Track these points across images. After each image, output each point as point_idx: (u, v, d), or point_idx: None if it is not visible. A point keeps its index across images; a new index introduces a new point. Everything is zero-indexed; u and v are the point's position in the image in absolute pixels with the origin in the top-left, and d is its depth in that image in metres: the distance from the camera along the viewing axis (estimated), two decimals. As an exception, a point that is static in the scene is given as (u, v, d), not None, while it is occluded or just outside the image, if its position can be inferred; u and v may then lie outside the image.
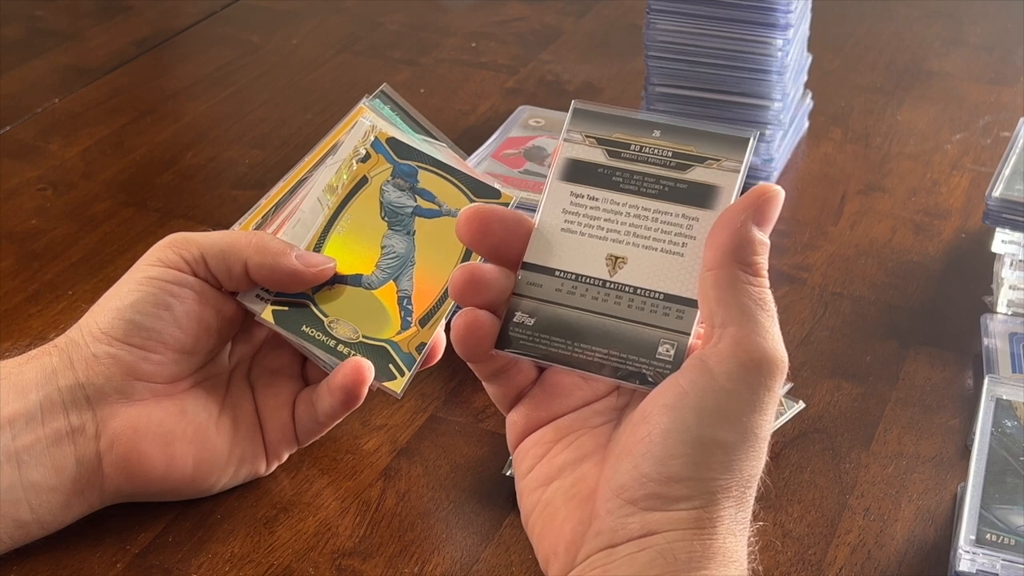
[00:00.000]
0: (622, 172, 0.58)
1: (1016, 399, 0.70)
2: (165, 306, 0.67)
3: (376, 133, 0.73)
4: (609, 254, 0.58)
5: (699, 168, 0.58)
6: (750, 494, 0.54)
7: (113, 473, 0.67)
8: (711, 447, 0.52)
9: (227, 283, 0.69)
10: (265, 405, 0.71)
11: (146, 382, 0.67)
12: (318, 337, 0.70)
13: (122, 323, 0.67)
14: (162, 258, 0.68)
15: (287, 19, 1.32)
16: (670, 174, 0.58)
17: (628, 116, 0.60)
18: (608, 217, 0.58)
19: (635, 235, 0.57)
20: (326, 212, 0.72)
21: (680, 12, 0.98)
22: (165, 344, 0.67)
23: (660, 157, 0.58)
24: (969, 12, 1.31)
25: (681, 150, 0.58)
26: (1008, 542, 0.63)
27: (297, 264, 0.69)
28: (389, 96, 0.75)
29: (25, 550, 0.67)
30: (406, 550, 0.69)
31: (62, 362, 0.67)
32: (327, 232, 0.72)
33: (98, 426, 0.66)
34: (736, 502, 0.54)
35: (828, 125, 1.11)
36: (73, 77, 1.20)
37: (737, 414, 0.53)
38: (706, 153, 0.58)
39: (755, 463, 0.54)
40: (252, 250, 0.68)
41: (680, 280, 0.56)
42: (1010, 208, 0.83)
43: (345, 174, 0.72)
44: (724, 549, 0.53)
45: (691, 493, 0.53)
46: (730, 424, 0.53)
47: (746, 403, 0.53)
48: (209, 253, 0.68)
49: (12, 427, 0.65)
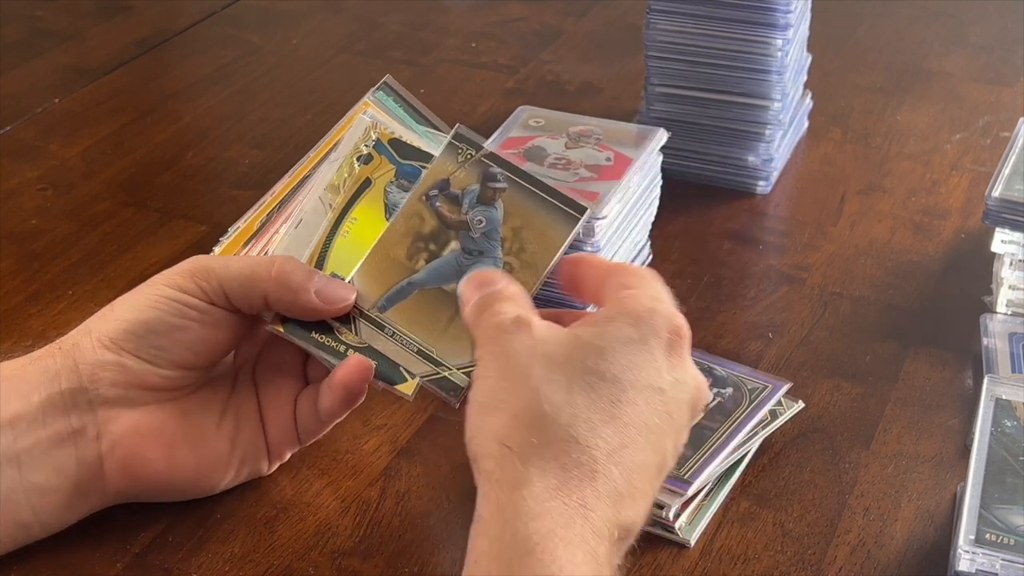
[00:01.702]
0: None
1: (1016, 399, 0.70)
2: (180, 328, 0.67)
3: (378, 133, 0.73)
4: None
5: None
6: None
7: (114, 475, 0.67)
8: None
9: (246, 311, 0.69)
10: (268, 403, 0.71)
11: (150, 391, 0.67)
12: (328, 343, 0.69)
13: (134, 337, 0.66)
14: (182, 286, 0.67)
15: (287, 19, 1.32)
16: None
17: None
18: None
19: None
20: (330, 215, 0.71)
21: (680, 12, 0.98)
22: (174, 362, 0.67)
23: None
24: (969, 12, 1.31)
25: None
26: (1008, 542, 0.63)
27: (317, 302, 0.68)
28: (393, 88, 0.75)
29: (26, 550, 0.67)
30: (406, 550, 0.69)
31: (65, 365, 0.66)
32: (332, 236, 0.71)
33: (99, 428, 0.66)
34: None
35: (828, 125, 1.11)
36: (73, 77, 1.20)
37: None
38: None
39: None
40: (272, 284, 0.67)
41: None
42: (1010, 208, 0.83)
43: (346, 171, 0.72)
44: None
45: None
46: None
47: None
48: (228, 285, 0.67)
49: (13, 429, 0.65)
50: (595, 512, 0.54)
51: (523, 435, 0.56)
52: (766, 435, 0.75)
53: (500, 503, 0.54)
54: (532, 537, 0.53)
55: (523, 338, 0.59)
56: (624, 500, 0.56)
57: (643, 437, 0.57)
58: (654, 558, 0.68)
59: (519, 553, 0.53)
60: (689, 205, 0.99)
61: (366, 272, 0.69)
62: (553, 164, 0.87)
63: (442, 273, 0.69)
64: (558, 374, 0.57)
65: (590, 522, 0.54)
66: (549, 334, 0.59)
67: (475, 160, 0.70)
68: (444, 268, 0.69)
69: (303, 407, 0.71)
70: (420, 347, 0.68)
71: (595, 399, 0.56)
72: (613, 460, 0.56)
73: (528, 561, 0.52)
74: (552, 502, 0.54)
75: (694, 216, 0.98)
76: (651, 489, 0.58)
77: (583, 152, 0.88)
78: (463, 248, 0.69)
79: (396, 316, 0.69)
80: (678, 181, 0.98)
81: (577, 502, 0.54)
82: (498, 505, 0.54)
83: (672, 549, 0.69)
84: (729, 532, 0.70)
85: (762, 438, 0.75)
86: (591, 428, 0.56)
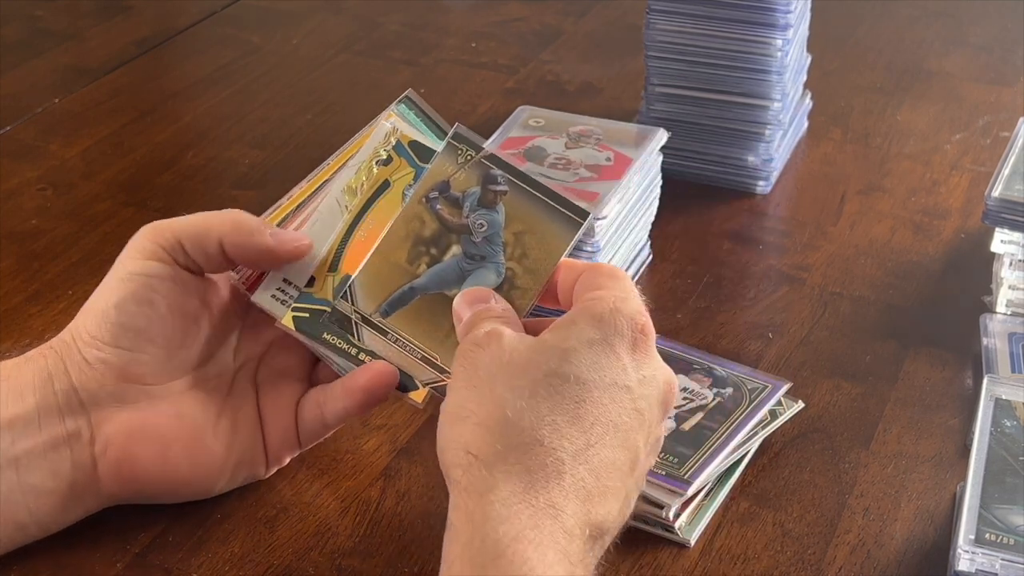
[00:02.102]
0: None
1: (1015, 399, 0.70)
2: (148, 302, 0.66)
3: (398, 136, 0.72)
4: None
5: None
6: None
7: (108, 477, 0.67)
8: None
9: (206, 266, 0.68)
10: (268, 407, 0.71)
11: (139, 384, 0.67)
12: (339, 344, 0.69)
13: (108, 326, 0.66)
14: (140, 248, 0.67)
15: (287, 19, 1.32)
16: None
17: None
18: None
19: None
20: (346, 216, 0.70)
21: (680, 12, 0.98)
22: (153, 342, 0.67)
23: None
24: (969, 12, 1.31)
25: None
26: (1007, 542, 0.63)
27: (271, 241, 0.68)
28: (414, 102, 0.74)
29: (25, 550, 0.67)
30: (406, 550, 0.69)
31: (57, 366, 0.66)
32: (349, 235, 0.70)
33: (92, 431, 0.66)
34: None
35: (828, 125, 1.11)
36: (73, 77, 1.20)
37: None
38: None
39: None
40: (227, 228, 0.67)
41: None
42: (1009, 208, 0.83)
43: (364, 175, 0.71)
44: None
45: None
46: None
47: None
48: (184, 236, 0.67)
49: (11, 431, 0.65)
50: (564, 512, 0.55)
51: (487, 441, 0.56)
52: (766, 435, 0.75)
53: (469, 510, 0.55)
54: (502, 540, 0.53)
55: (492, 349, 0.60)
56: (594, 498, 0.56)
57: (611, 435, 0.57)
58: (654, 558, 0.68)
59: (490, 557, 0.53)
60: (689, 205, 0.99)
61: (366, 276, 0.69)
62: (553, 164, 0.87)
63: (444, 278, 0.68)
64: (521, 379, 0.58)
65: (560, 522, 0.55)
66: (516, 343, 0.60)
67: (475, 161, 0.70)
68: (446, 273, 0.68)
69: (307, 410, 0.70)
70: (424, 354, 0.68)
71: (559, 401, 0.57)
72: (580, 460, 0.56)
73: (499, 563, 0.53)
74: (519, 505, 0.54)
75: (694, 216, 0.98)
76: (623, 486, 0.58)
77: (583, 152, 0.88)
78: (465, 253, 0.68)
79: (399, 322, 0.68)
80: (678, 181, 0.98)
81: (545, 503, 0.55)
82: (467, 512, 0.55)
83: (672, 549, 0.69)
84: (729, 532, 0.70)
85: (762, 438, 0.75)
86: (555, 430, 0.56)
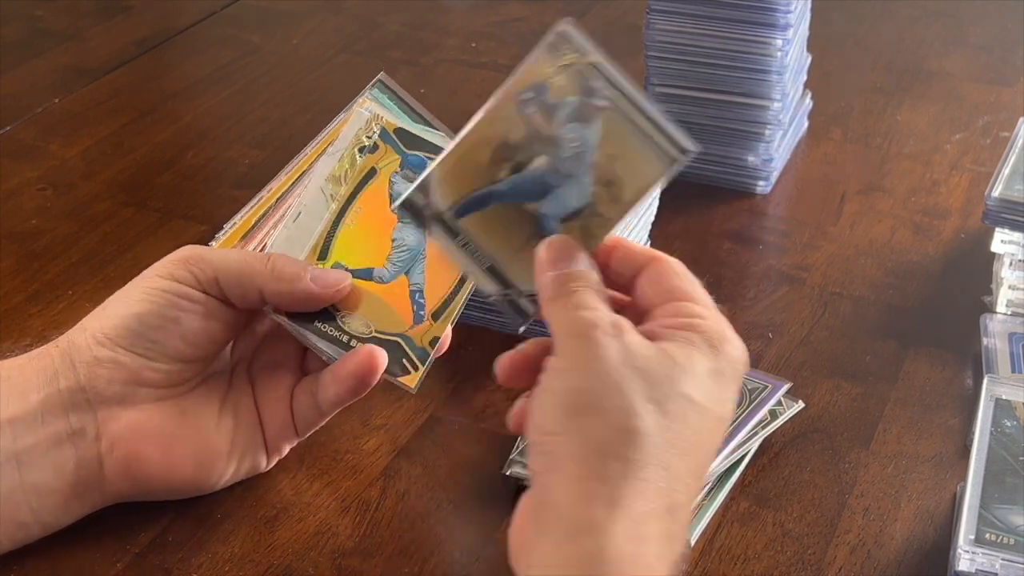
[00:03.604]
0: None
1: (1015, 399, 0.70)
2: (173, 320, 0.67)
3: (383, 123, 0.72)
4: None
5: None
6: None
7: (114, 475, 0.67)
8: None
9: (240, 304, 0.69)
10: (265, 398, 0.71)
11: (148, 387, 0.67)
12: (331, 332, 0.69)
13: (128, 331, 0.66)
14: (175, 274, 0.67)
15: (287, 19, 1.32)
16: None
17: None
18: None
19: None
20: (333, 206, 0.70)
21: (680, 12, 0.98)
22: (169, 355, 0.67)
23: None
24: (969, 12, 1.31)
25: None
26: (1007, 542, 0.63)
27: (313, 287, 0.68)
28: (387, 85, 0.74)
29: (25, 550, 0.67)
30: (406, 550, 0.69)
31: (63, 364, 0.66)
32: (336, 225, 0.70)
33: (98, 428, 0.66)
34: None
35: (828, 125, 1.11)
36: (73, 77, 1.20)
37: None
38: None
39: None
40: (267, 277, 0.68)
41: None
42: (1009, 208, 0.83)
43: (347, 163, 0.71)
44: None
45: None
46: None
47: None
48: (223, 275, 0.67)
49: (13, 429, 0.65)
50: (650, 552, 0.53)
51: (621, 451, 0.53)
52: (766, 435, 0.75)
53: (592, 513, 0.52)
54: (630, 558, 0.51)
55: (621, 343, 0.56)
56: (676, 541, 0.55)
57: (705, 468, 0.57)
58: (654, 558, 0.68)
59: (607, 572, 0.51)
60: (689, 205, 0.99)
61: (444, 171, 0.61)
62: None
63: (524, 190, 0.61)
64: (655, 392, 0.55)
65: (669, 556, 0.53)
66: (642, 347, 0.56)
67: (580, 67, 0.61)
68: (527, 185, 0.61)
69: (300, 399, 0.71)
70: (492, 263, 0.62)
71: (681, 429, 0.55)
72: (688, 491, 0.55)
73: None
74: (648, 527, 0.52)
75: (694, 216, 0.98)
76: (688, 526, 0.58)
77: (583, 152, 0.88)
78: (551, 167, 0.61)
79: (471, 226, 0.61)
80: (678, 181, 0.97)
81: (664, 532, 0.53)
82: (590, 514, 0.52)
83: (672, 549, 0.69)
84: (729, 532, 0.70)
85: (762, 438, 0.75)
86: (677, 459, 0.54)
